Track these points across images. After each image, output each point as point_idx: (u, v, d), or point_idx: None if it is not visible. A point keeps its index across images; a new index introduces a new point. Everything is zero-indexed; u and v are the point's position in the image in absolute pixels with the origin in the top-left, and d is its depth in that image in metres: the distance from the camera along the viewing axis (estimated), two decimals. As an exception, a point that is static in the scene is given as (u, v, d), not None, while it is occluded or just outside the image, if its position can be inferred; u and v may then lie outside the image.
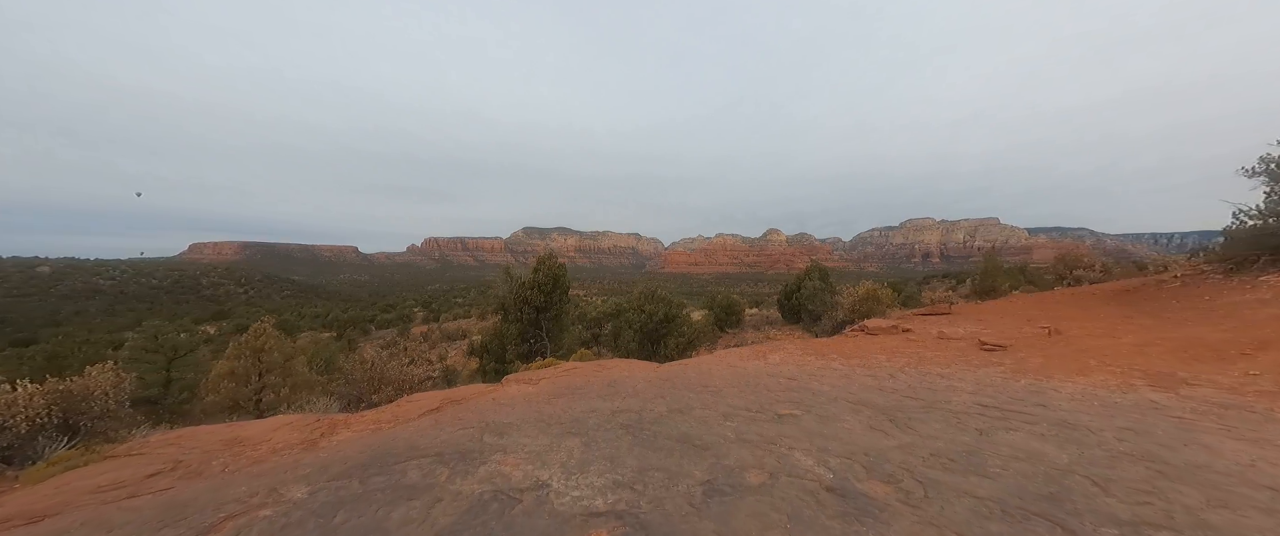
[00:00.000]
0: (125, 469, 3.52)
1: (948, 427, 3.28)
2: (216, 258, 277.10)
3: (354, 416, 4.83)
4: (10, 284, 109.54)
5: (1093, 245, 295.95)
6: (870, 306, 13.28)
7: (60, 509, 2.88)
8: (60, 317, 78.36)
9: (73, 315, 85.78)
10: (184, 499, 2.79)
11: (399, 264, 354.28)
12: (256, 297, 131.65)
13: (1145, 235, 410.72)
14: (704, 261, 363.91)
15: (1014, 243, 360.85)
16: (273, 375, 6.13)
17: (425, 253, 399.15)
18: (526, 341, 13.15)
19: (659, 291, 18.40)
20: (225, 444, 3.69)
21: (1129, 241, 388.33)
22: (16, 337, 46.68)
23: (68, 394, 4.78)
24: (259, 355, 6.08)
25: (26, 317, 75.29)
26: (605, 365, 6.51)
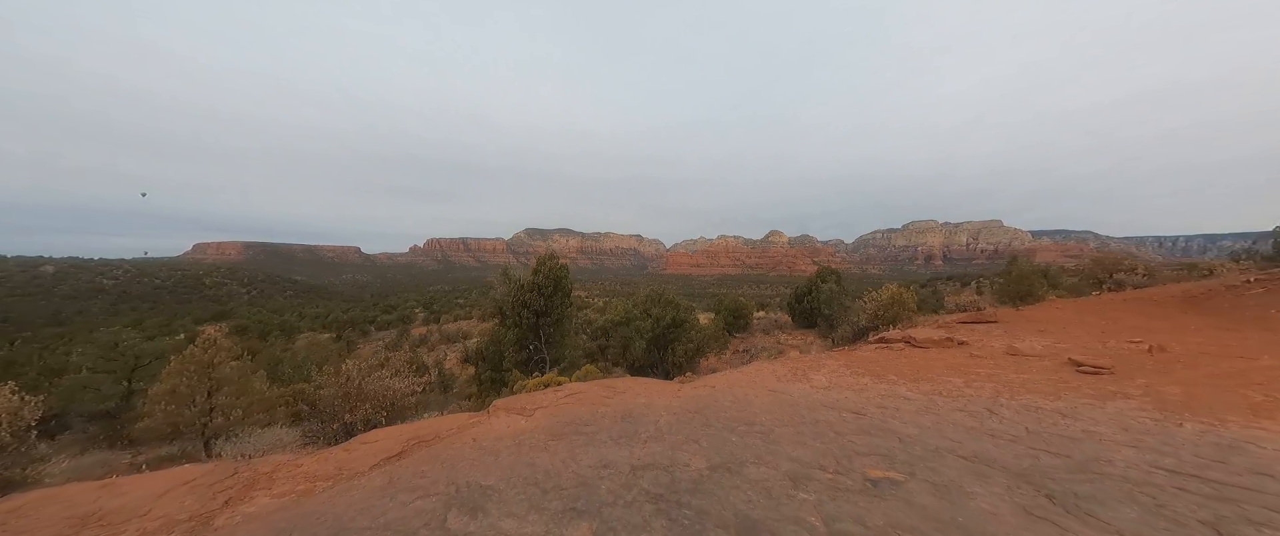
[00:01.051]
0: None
1: (1149, 516, 2.15)
2: (220, 258, 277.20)
3: (287, 463, 3.72)
4: (14, 283, 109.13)
5: (1096, 247, 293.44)
6: (895, 312, 12.13)
7: None
8: (62, 317, 77.77)
9: (75, 315, 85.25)
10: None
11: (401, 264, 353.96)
12: (258, 298, 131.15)
13: (1149, 238, 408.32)
14: (706, 263, 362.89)
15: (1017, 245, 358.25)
16: (224, 394, 5.04)
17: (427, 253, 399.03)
18: (525, 348, 12.04)
19: (666, 293, 17.31)
20: (75, 524, 2.58)
21: (1133, 243, 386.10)
22: (10, 334, 45.90)
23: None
24: (209, 371, 5.00)
25: (28, 317, 74.71)
26: (615, 387, 5.39)
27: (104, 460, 5.90)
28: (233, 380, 5.08)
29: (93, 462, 5.69)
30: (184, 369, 4.79)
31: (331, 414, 6.42)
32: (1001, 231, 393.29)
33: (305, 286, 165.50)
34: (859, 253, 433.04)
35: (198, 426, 4.90)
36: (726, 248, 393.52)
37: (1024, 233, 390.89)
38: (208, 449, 5.15)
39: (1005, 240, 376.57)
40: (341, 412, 6.36)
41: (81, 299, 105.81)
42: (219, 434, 5.14)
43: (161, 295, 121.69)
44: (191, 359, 4.91)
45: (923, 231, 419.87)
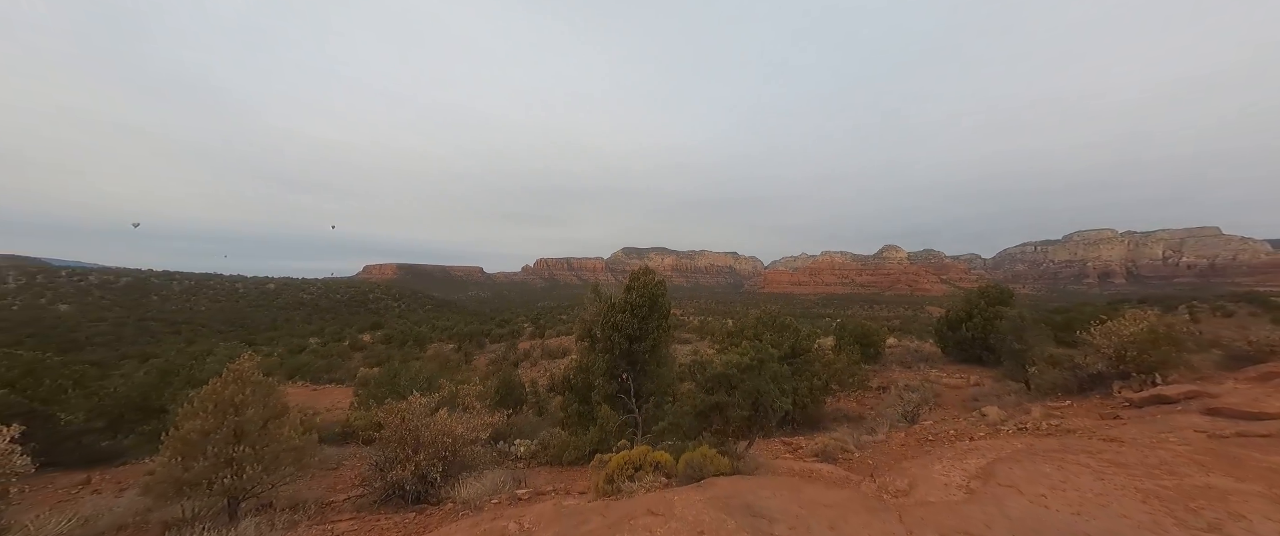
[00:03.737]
0: None
1: None
2: (381, 277, 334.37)
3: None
4: (250, 298, 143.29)
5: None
6: (1165, 353, 7.86)
7: None
8: (278, 323, 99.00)
9: (284, 322, 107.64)
10: None
11: (515, 282, 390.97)
12: (406, 311, 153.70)
13: None
14: (808, 281, 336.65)
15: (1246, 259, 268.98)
16: (246, 444, 4.13)
17: (536, 272, 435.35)
18: (615, 378, 10.46)
19: (781, 316, 14.51)
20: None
21: None
22: (248, 337, 58.98)
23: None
24: (236, 410, 4.17)
25: (257, 322, 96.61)
26: (759, 508, 3.26)
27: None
28: (257, 427, 4.12)
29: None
30: (203, 407, 3.97)
31: (386, 461, 5.40)
32: (1219, 241, 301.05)
33: (439, 301, 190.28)
34: (1002, 269, 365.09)
35: (217, 485, 3.95)
36: (832, 264, 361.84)
37: (1257, 242, 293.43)
38: (233, 511, 4.19)
39: (1226, 251, 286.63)
40: (395, 461, 5.29)
41: (290, 309, 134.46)
42: (246, 496, 4.21)
43: (340, 308, 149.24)
44: (212, 397, 4.08)
45: (1094, 243, 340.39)
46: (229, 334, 64.65)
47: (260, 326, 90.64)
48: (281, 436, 4.38)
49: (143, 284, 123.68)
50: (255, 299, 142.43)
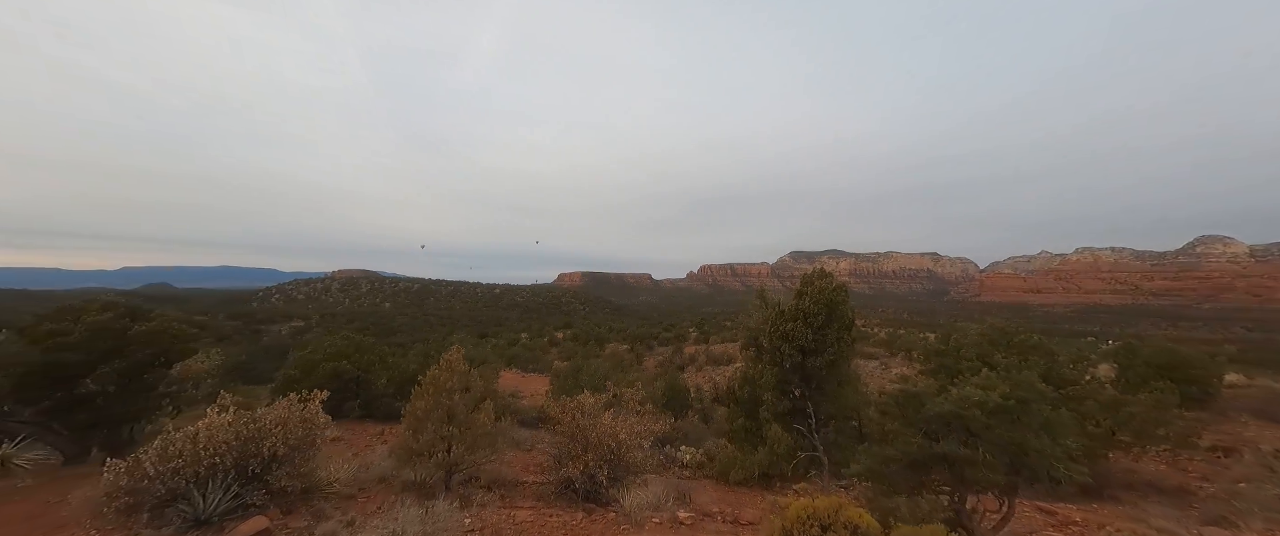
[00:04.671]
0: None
1: None
2: (570, 284, 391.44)
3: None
4: (484, 300, 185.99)
5: None
6: None
7: None
8: (501, 320, 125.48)
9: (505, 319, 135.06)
10: None
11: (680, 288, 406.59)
12: (589, 314, 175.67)
13: None
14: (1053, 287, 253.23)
15: None
16: (455, 426, 4.86)
17: (701, 279, 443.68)
18: (787, 395, 9.31)
19: (1022, 333, 10.80)
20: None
21: None
22: (481, 330, 76.66)
23: (253, 435, 4.49)
24: (447, 395, 4.98)
25: (487, 319, 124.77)
26: None
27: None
28: (463, 414, 4.78)
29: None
30: (423, 392, 4.80)
31: (561, 455, 5.76)
32: None
33: (615, 306, 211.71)
34: None
35: (440, 464, 4.70)
36: (1097, 265, 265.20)
37: None
38: (448, 482, 4.94)
39: None
40: (567, 457, 5.60)
41: (509, 309, 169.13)
42: (457, 471, 4.92)
43: (541, 309, 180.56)
44: (431, 384, 4.89)
45: None
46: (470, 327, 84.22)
47: (489, 322, 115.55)
48: (479, 422, 5.01)
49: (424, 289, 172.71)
50: (487, 301, 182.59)
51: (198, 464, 4.21)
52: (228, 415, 4.71)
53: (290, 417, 4.97)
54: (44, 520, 4.30)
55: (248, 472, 4.46)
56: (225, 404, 4.96)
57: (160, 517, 4.00)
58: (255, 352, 34.71)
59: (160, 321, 8.11)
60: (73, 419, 7.00)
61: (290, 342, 44.99)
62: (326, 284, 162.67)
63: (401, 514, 3.77)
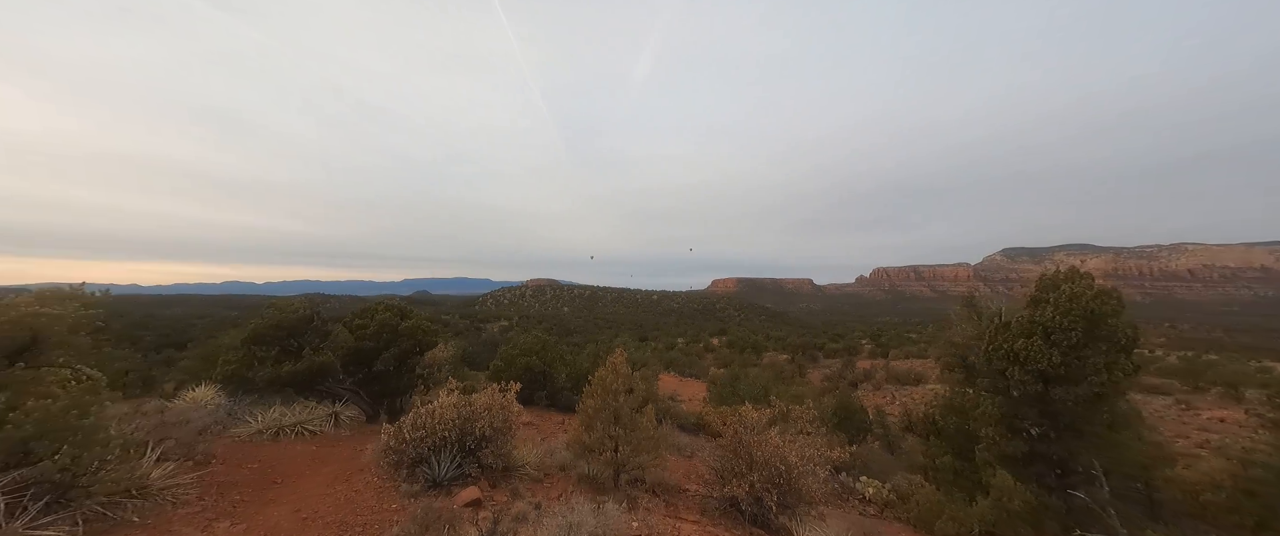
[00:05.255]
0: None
1: None
2: (724, 290, 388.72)
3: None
4: (643, 305, 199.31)
5: None
6: None
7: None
8: (659, 325, 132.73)
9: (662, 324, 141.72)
10: None
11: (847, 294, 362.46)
12: (744, 320, 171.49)
13: None
14: None
15: None
16: (621, 427, 5.04)
17: (873, 283, 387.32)
18: (1019, 434, 7.05)
19: None
20: None
21: None
22: (641, 334, 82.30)
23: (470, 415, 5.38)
24: (613, 396, 5.21)
25: (647, 323, 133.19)
26: None
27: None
28: (627, 416, 4.90)
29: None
30: (593, 391, 5.07)
31: (724, 470, 5.42)
32: None
33: (772, 313, 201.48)
34: None
35: (608, 463, 4.92)
36: None
37: None
38: (616, 480, 5.13)
39: None
40: (731, 473, 5.22)
41: (665, 314, 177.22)
42: (622, 467, 5.07)
43: (696, 315, 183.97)
44: (600, 381, 5.14)
45: None
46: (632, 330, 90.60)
47: (649, 327, 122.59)
48: (642, 425, 5.08)
49: (594, 295, 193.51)
50: (645, 306, 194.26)
51: (434, 435, 5.29)
52: (452, 397, 5.83)
53: (494, 404, 5.88)
54: (353, 462, 5.99)
55: (466, 447, 5.42)
56: (451, 388, 6.16)
57: (412, 475, 5.14)
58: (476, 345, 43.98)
59: (416, 320, 10.75)
60: (371, 389, 9.77)
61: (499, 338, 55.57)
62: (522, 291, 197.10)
63: (577, 508, 4.00)
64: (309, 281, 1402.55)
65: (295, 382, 8.73)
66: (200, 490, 4.62)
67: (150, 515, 4.00)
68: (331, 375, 9.24)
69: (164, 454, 5.02)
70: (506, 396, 6.12)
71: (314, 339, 9.50)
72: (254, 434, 6.79)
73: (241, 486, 4.93)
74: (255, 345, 8.80)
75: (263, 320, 8.92)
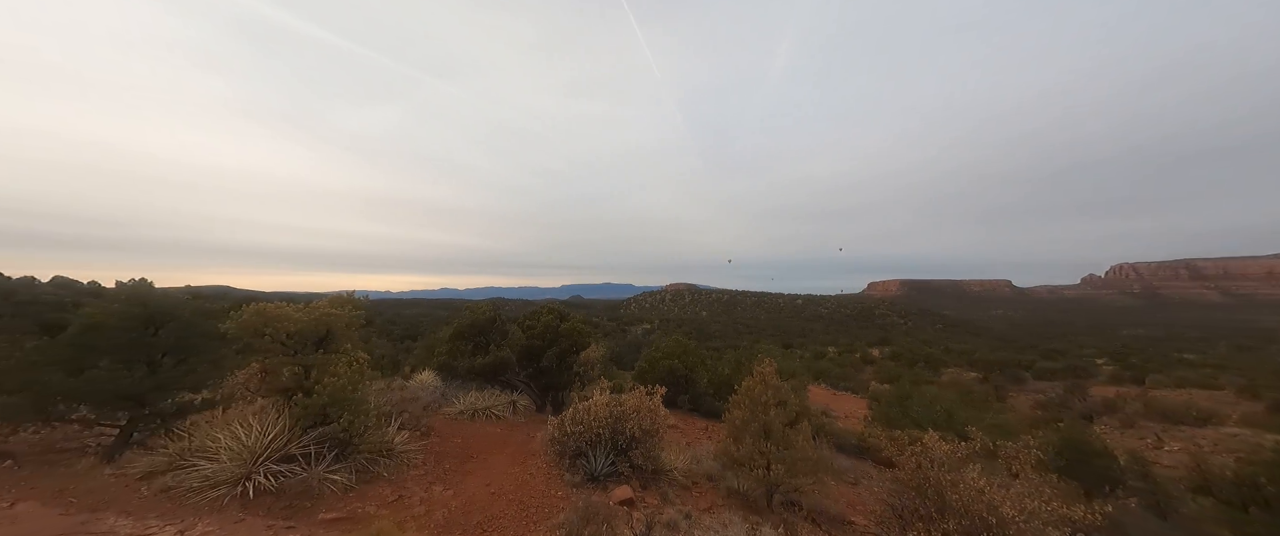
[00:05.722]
0: None
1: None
2: (884, 294, 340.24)
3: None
4: (786, 310, 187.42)
5: None
6: None
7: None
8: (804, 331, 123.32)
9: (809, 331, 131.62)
10: None
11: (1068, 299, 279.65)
12: (912, 329, 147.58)
13: None
14: None
15: None
16: (772, 443, 4.63)
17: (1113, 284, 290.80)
18: None
19: None
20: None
21: None
22: (785, 340, 77.57)
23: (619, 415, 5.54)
24: (763, 409, 4.82)
25: (790, 329, 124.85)
26: None
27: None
28: (779, 432, 4.46)
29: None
30: (741, 401, 4.74)
31: (904, 511, 4.47)
32: None
33: (952, 321, 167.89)
34: None
35: (760, 482, 4.58)
36: None
37: None
38: (769, 500, 4.73)
39: None
40: (914, 516, 4.27)
41: (811, 320, 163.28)
42: (776, 487, 4.64)
43: (848, 322, 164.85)
44: (747, 391, 4.79)
45: None
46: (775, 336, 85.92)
47: (793, 333, 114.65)
48: (797, 442, 4.58)
49: (732, 299, 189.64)
50: (789, 311, 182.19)
51: (590, 431, 5.67)
52: (604, 397, 6.20)
53: (642, 406, 6.05)
54: (527, 447, 6.86)
55: (618, 446, 5.68)
56: (603, 388, 6.56)
57: (573, 466, 5.60)
58: (623, 346, 47.16)
59: (573, 322, 11.92)
60: (539, 382, 11.17)
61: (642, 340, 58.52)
62: (662, 295, 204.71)
63: (730, 525, 3.77)
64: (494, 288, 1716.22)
65: (484, 373, 10.47)
66: (424, 457, 5.80)
67: (393, 472, 5.16)
68: (509, 368, 10.82)
69: (402, 424, 6.47)
70: (653, 400, 6.24)
71: (496, 337, 11.26)
72: (458, 413, 8.32)
73: (450, 457, 6.04)
74: (457, 341, 10.83)
75: (462, 321, 10.93)
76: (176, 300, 5.57)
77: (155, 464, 4.38)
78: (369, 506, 4.34)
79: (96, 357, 4.73)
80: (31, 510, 3.38)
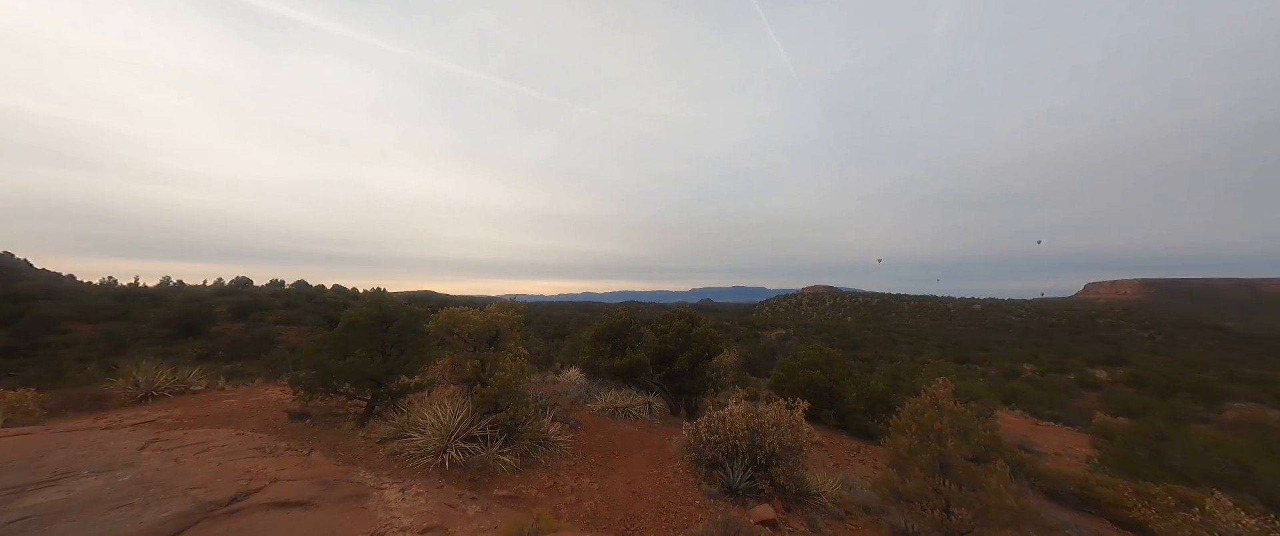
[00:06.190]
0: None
1: None
2: (1113, 296, 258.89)
3: None
4: (959, 317, 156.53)
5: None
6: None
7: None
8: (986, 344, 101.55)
9: (994, 343, 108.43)
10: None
11: None
12: (1163, 345, 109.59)
13: None
14: None
15: None
16: (952, 481, 3.81)
17: None
18: None
19: None
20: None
21: None
22: (958, 355, 64.88)
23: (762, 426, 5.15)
24: (937, 438, 3.99)
25: (966, 341, 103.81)
26: None
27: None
28: (962, 468, 3.63)
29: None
30: (907, 425, 3.98)
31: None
32: None
33: (1235, 336, 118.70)
34: None
35: (928, 512, 3.84)
36: None
37: None
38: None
39: None
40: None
41: (997, 330, 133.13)
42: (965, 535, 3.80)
43: (1053, 333, 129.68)
44: (912, 415, 4.02)
45: None
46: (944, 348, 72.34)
47: (968, 345, 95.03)
48: (990, 486, 3.68)
49: (883, 303, 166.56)
50: (963, 319, 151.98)
51: (726, 442, 5.49)
52: (740, 407, 5.94)
53: (782, 420, 5.63)
54: (664, 449, 6.99)
55: (757, 461, 5.37)
56: (738, 397, 6.30)
57: (710, 476, 5.49)
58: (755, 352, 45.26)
59: (705, 327, 11.83)
60: (672, 385, 11.35)
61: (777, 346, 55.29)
62: (798, 299, 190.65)
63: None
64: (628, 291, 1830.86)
65: (621, 374, 11.08)
66: (573, 449, 6.35)
67: (548, 460, 5.76)
68: (644, 371, 11.24)
69: (554, 416, 7.21)
70: (794, 413, 5.76)
71: (632, 340, 11.82)
72: (600, 410, 8.95)
73: (595, 451, 6.50)
74: (598, 343, 11.68)
75: (601, 324, 11.76)
76: (398, 304, 7.20)
77: (387, 432, 5.69)
78: (530, 489, 4.92)
79: (353, 347, 6.39)
80: (319, 458, 4.71)
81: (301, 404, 6.38)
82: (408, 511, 3.56)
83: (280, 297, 36.70)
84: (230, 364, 17.66)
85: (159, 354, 19.90)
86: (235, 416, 6.37)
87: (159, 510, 3.00)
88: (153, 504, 3.07)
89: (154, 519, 2.89)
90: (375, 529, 3.19)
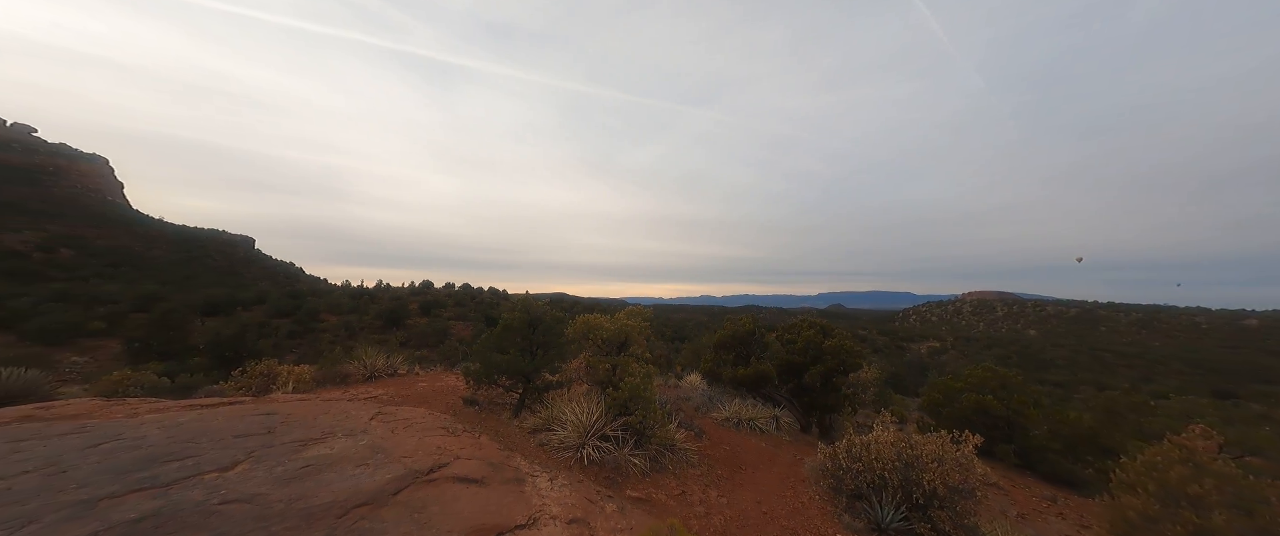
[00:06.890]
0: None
1: None
2: None
3: None
4: (1217, 335, 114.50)
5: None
6: None
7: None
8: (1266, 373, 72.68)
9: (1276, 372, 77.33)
10: None
11: None
12: None
13: None
14: None
15: None
16: None
17: None
18: None
19: None
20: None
21: None
22: (1219, 387, 47.61)
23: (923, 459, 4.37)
24: (1190, 505, 2.95)
25: (1230, 368, 75.46)
26: None
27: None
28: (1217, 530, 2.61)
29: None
30: (1139, 483, 2.99)
31: None
32: None
33: None
34: None
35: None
36: None
37: None
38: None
39: None
40: None
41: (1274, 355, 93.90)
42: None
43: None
44: (1150, 468, 3.01)
45: None
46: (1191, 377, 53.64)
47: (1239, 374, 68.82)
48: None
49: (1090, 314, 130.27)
50: (1223, 337, 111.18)
51: (871, 472, 4.90)
52: (890, 434, 5.24)
53: (945, 455, 4.80)
54: (795, 469, 6.55)
55: (912, 499, 4.68)
56: (885, 421, 5.57)
57: (852, 508, 4.95)
58: (900, 367, 39.52)
59: (839, 338, 10.77)
60: (801, 400, 10.58)
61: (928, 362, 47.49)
62: (958, 306, 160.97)
63: None
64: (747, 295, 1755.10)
65: (746, 384, 10.71)
66: (699, 458, 6.36)
67: (676, 467, 5.87)
68: (769, 382, 10.69)
69: (680, 423, 7.31)
70: (964, 449, 4.86)
71: (757, 349, 11.36)
72: (723, 420, 8.80)
73: (721, 463, 6.41)
74: (720, 351, 11.50)
75: (723, 332, 11.54)
76: (543, 308, 8.11)
77: (535, 423, 6.44)
78: (660, 494, 5.06)
79: (508, 345, 7.40)
80: (486, 442, 5.55)
81: (472, 392, 7.60)
82: (556, 500, 3.97)
83: (452, 297, 44.56)
84: (418, 351, 21.98)
85: (376, 341, 25.54)
86: (427, 398, 7.90)
87: (385, 472, 3.87)
88: (380, 466, 3.99)
89: (384, 477, 3.74)
90: (532, 513, 3.62)
